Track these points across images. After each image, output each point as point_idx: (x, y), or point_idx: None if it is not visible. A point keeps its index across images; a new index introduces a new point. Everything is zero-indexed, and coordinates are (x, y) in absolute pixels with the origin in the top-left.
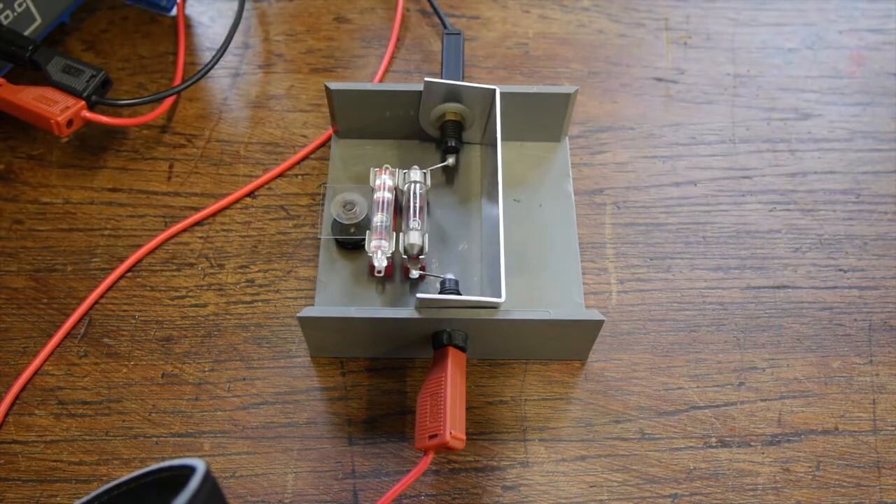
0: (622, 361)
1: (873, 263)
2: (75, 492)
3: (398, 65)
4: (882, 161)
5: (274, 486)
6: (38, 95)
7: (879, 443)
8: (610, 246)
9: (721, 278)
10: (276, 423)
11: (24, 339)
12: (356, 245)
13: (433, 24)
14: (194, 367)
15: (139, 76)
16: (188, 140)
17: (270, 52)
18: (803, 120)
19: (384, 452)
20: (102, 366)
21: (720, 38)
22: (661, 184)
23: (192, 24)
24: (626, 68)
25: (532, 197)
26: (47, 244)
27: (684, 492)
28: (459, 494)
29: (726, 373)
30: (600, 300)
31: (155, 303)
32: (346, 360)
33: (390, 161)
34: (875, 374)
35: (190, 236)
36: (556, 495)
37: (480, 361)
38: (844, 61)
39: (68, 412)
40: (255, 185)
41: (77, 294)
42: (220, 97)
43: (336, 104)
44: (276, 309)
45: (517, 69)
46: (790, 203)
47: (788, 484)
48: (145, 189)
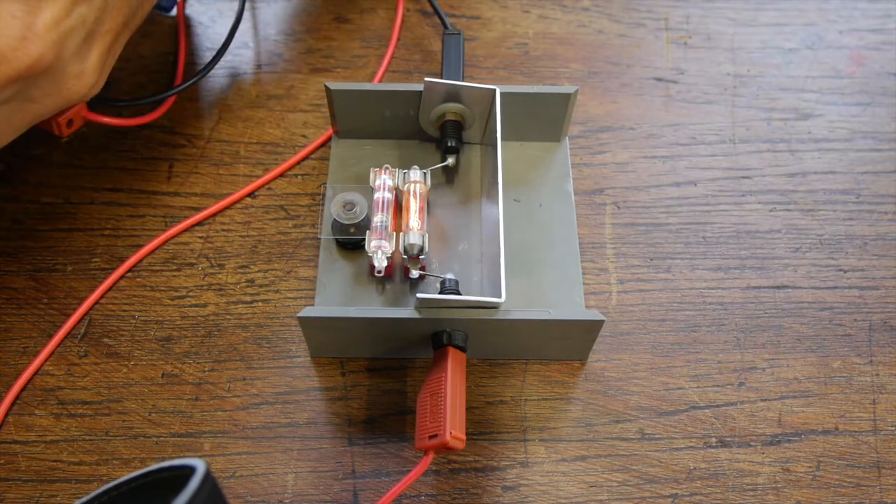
0: (622, 361)
1: (873, 263)
2: (75, 492)
3: (398, 65)
4: (882, 161)
5: (274, 486)
6: None
7: (879, 443)
8: (610, 246)
9: (721, 278)
10: (276, 423)
11: (24, 339)
12: (356, 245)
13: (433, 24)
14: (194, 367)
15: (139, 76)
16: (188, 140)
17: (270, 52)
18: (803, 120)
19: (384, 452)
20: (102, 366)
21: (720, 38)
22: (661, 184)
23: (192, 24)
24: (626, 68)
25: (532, 197)
26: (47, 244)
27: (684, 492)
28: (459, 494)
29: (726, 373)
30: (600, 300)
31: (155, 303)
32: (346, 360)
33: (390, 161)
34: (875, 374)
35: (190, 236)
36: (556, 495)
37: (480, 361)
38: (844, 61)
39: (68, 412)
40: (255, 185)
41: (77, 294)
42: (220, 97)
43: (336, 104)
44: (276, 309)
45: (517, 69)
46: (790, 203)
47: (788, 484)
48: (145, 189)
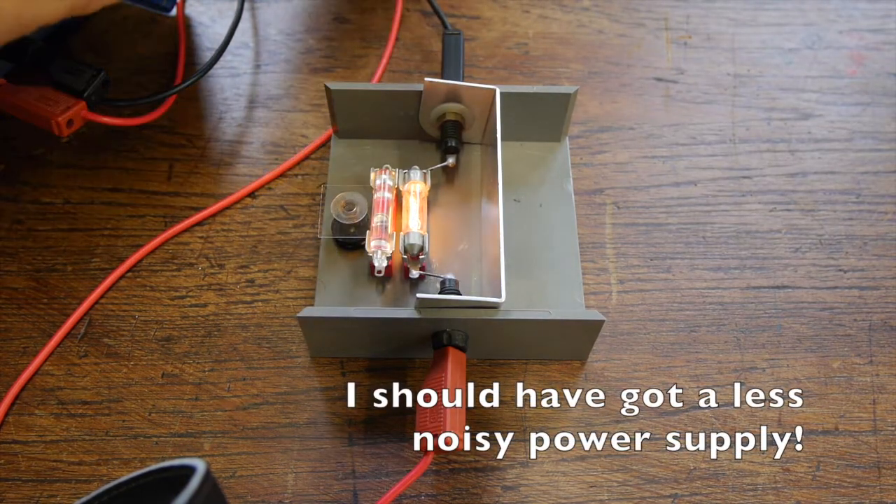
0: (622, 361)
1: (873, 263)
2: (75, 492)
3: (398, 65)
4: (882, 161)
5: (274, 486)
6: (39, 95)
7: (879, 443)
8: (610, 246)
9: (721, 278)
10: (276, 423)
11: (24, 339)
12: (356, 245)
13: (433, 24)
14: (194, 367)
15: (139, 76)
16: (188, 140)
17: (270, 52)
18: (803, 120)
19: (384, 452)
20: (102, 366)
21: (720, 38)
22: (661, 184)
23: (192, 24)
24: (626, 68)
25: (532, 197)
26: (47, 244)
27: (684, 492)
28: (459, 494)
29: (726, 373)
30: (600, 300)
31: (155, 303)
32: (346, 360)
33: (390, 161)
34: (875, 374)
35: (190, 236)
36: (556, 495)
37: (480, 361)
38: (844, 61)
39: (68, 412)
40: (255, 185)
41: (77, 294)
42: (220, 97)
43: (336, 104)
44: (276, 309)
45: (517, 69)
46: (790, 203)
47: (788, 484)
48: (145, 189)
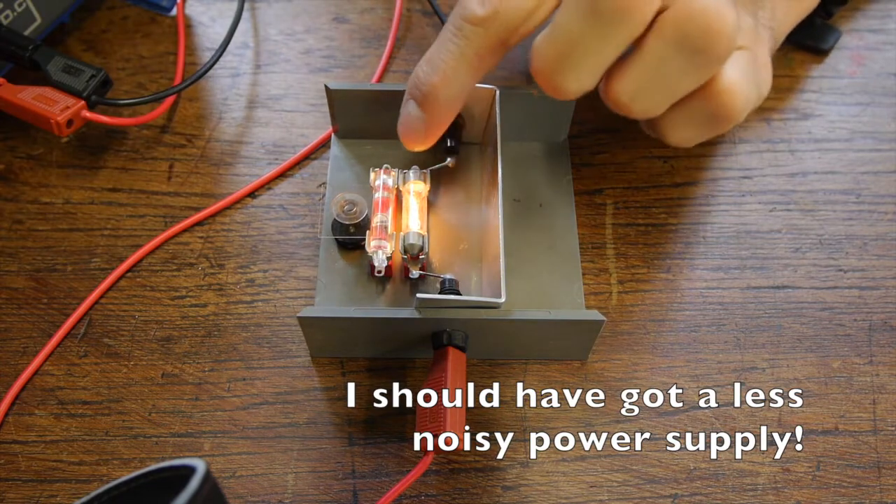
0: (622, 361)
1: (873, 263)
2: (75, 492)
3: (398, 65)
4: (882, 161)
5: (274, 486)
6: (38, 95)
7: (879, 443)
8: (610, 246)
9: (721, 278)
10: (276, 423)
11: (24, 339)
12: (356, 245)
13: (433, 24)
14: (194, 367)
15: (139, 76)
16: (188, 140)
17: (270, 52)
18: (803, 120)
19: (384, 452)
20: (102, 366)
21: None
22: (661, 184)
23: (192, 24)
24: None
25: (532, 197)
26: (47, 244)
27: (684, 492)
28: (459, 494)
29: (726, 373)
30: (600, 300)
31: (155, 303)
32: (346, 360)
33: (390, 161)
34: (875, 374)
35: (190, 236)
36: (556, 495)
37: (480, 361)
38: (844, 61)
39: (68, 412)
40: (255, 185)
41: (77, 294)
42: (220, 97)
43: (336, 104)
44: (276, 309)
45: (517, 69)
46: (790, 203)
47: (788, 484)
48: (145, 189)
